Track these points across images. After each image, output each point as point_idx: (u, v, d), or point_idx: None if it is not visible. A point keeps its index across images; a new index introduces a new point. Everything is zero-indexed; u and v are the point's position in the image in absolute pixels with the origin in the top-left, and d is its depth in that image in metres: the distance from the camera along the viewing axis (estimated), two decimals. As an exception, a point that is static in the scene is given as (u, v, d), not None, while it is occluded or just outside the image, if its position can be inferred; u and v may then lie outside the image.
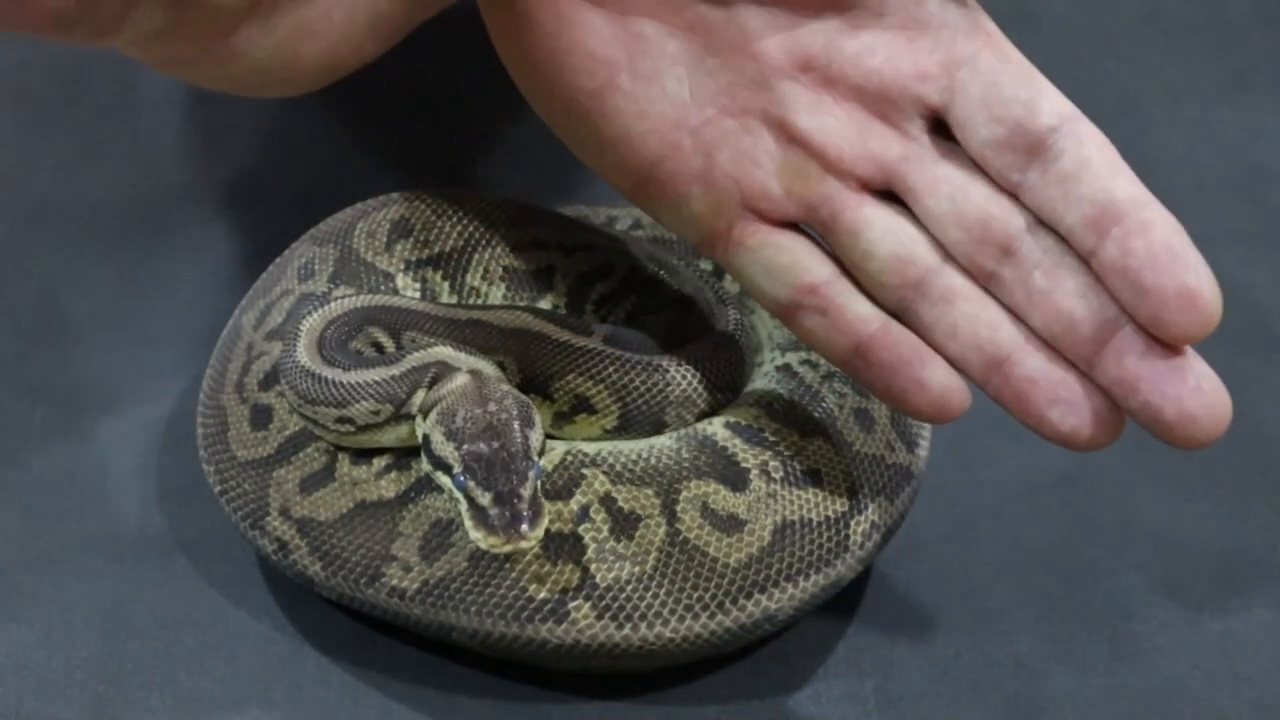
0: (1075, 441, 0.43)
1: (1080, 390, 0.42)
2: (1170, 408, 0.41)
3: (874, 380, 0.45)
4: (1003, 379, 0.43)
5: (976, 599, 0.55)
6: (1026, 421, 0.43)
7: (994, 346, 0.43)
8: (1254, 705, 0.52)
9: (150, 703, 0.51)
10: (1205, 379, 0.41)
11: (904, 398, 0.44)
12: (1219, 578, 0.56)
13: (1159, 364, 0.41)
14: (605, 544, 0.48)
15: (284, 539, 0.51)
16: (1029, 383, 0.43)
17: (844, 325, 0.45)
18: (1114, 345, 0.41)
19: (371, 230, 0.56)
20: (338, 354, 0.50)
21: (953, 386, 0.44)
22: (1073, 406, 0.42)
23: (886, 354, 0.44)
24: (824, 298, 0.45)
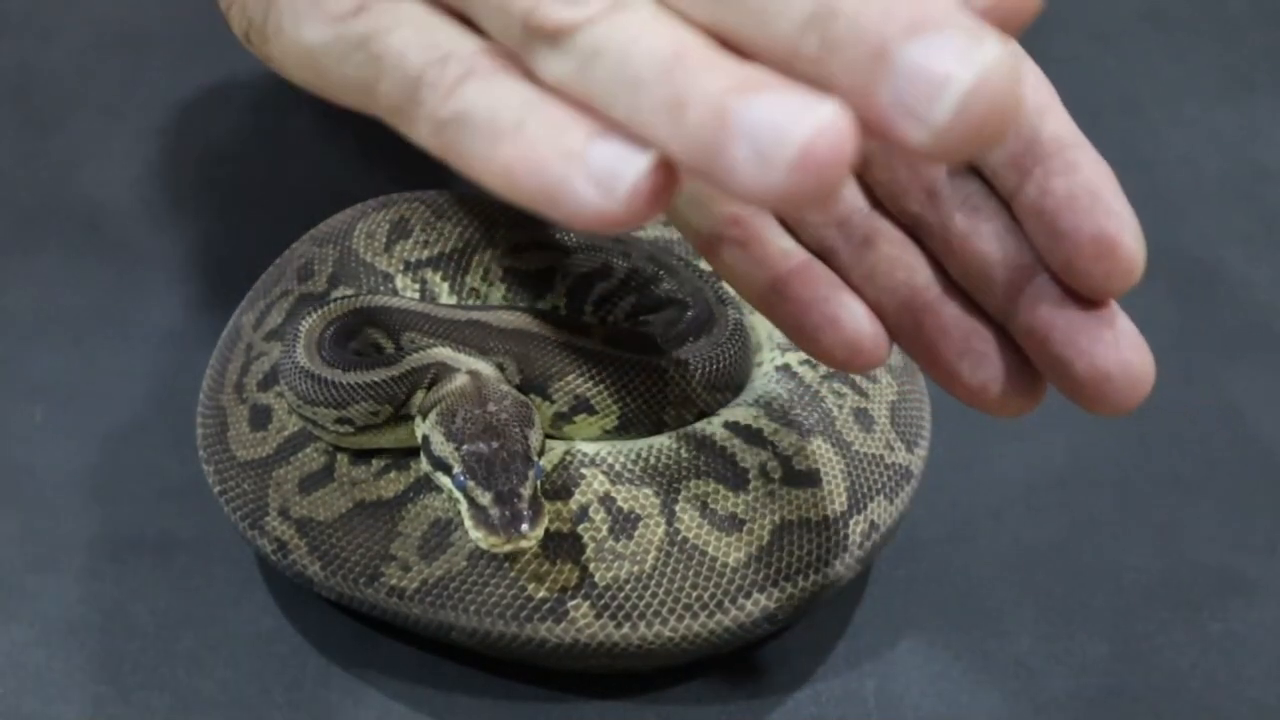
0: (985, 398, 0.39)
1: (994, 343, 0.39)
2: (1081, 362, 0.37)
3: (786, 317, 0.41)
4: (916, 327, 0.40)
5: (976, 599, 0.55)
6: (937, 376, 0.40)
7: (909, 291, 0.40)
8: (1254, 705, 0.52)
9: (150, 702, 0.51)
10: (1125, 335, 0.37)
11: (815, 336, 0.40)
12: (1219, 578, 0.56)
13: (1074, 316, 0.37)
14: (604, 543, 0.48)
15: (283, 539, 0.51)
16: (940, 332, 0.39)
17: (764, 259, 0.42)
18: (1029, 294, 0.38)
19: (371, 231, 0.56)
20: (337, 355, 0.50)
21: (866, 329, 0.40)
22: (984, 359, 0.38)
23: (803, 290, 0.40)
24: (746, 230, 0.42)
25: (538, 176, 0.31)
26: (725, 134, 0.29)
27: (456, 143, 0.33)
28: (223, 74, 0.78)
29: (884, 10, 0.29)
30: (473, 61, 0.33)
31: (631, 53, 0.30)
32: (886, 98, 0.29)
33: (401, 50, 0.33)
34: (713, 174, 0.30)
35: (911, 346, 0.40)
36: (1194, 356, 0.65)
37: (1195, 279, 0.69)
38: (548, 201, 0.31)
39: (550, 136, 0.31)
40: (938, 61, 0.28)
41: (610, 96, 0.31)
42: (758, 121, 0.29)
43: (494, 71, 0.33)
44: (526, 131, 0.31)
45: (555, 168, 0.31)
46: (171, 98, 0.77)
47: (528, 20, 0.31)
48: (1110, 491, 0.59)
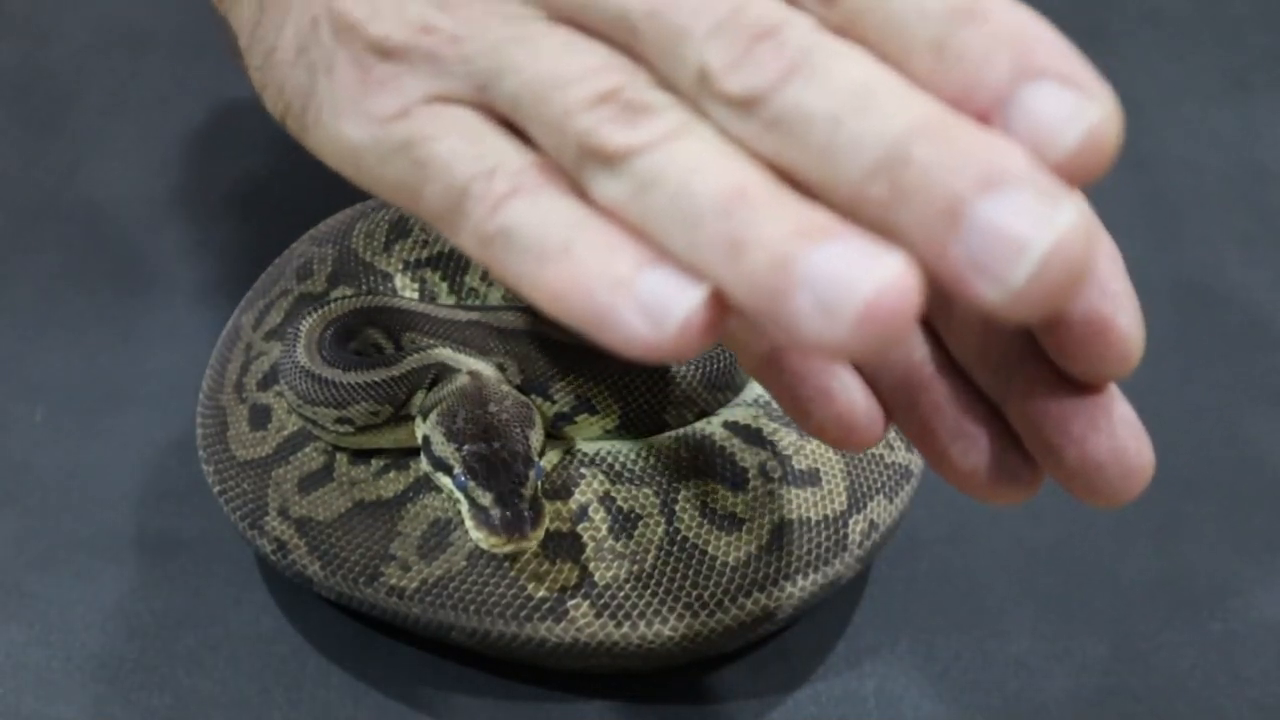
0: (975, 483, 0.36)
1: (987, 426, 0.36)
2: (1072, 449, 0.34)
3: (783, 391, 0.39)
4: (910, 405, 0.37)
5: (976, 599, 0.55)
6: (930, 458, 0.37)
7: (905, 368, 0.37)
8: (1254, 705, 0.52)
9: (150, 702, 0.51)
10: (1123, 423, 0.34)
11: (808, 409, 0.38)
12: (1219, 578, 0.56)
13: (1068, 401, 0.34)
14: (604, 543, 0.48)
15: (283, 539, 0.51)
16: (934, 410, 0.37)
17: (764, 329, 0.41)
18: (1024, 374, 0.35)
19: (370, 230, 0.56)
20: (337, 354, 0.50)
21: (860, 404, 0.37)
22: (975, 442, 0.36)
23: (799, 361, 0.38)
24: None
25: (585, 302, 0.30)
26: (787, 282, 0.28)
27: (502, 259, 0.31)
28: (223, 74, 0.78)
29: (957, 162, 0.28)
30: (521, 177, 0.31)
31: (691, 184, 0.29)
32: (959, 254, 0.28)
33: (448, 159, 0.32)
34: (773, 320, 0.28)
35: (906, 425, 0.38)
36: (1193, 357, 0.65)
37: (1194, 279, 0.69)
38: (596, 328, 0.30)
39: (599, 262, 0.30)
40: (1015, 222, 0.27)
41: (666, 227, 0.29)
42: (822, 272, 0.28)
43: (543, 187, 0.31)
44: (574, 254, 0.30)
45: (603, 295, 0.30)
46: (171, 98, 0.77)
47: (584, 141, 0.30)
48: (1110, 491, 0.59)
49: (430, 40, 0.33)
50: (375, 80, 0.33)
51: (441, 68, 0.33)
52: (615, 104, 0.30)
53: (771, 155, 0.30)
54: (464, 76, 0.32)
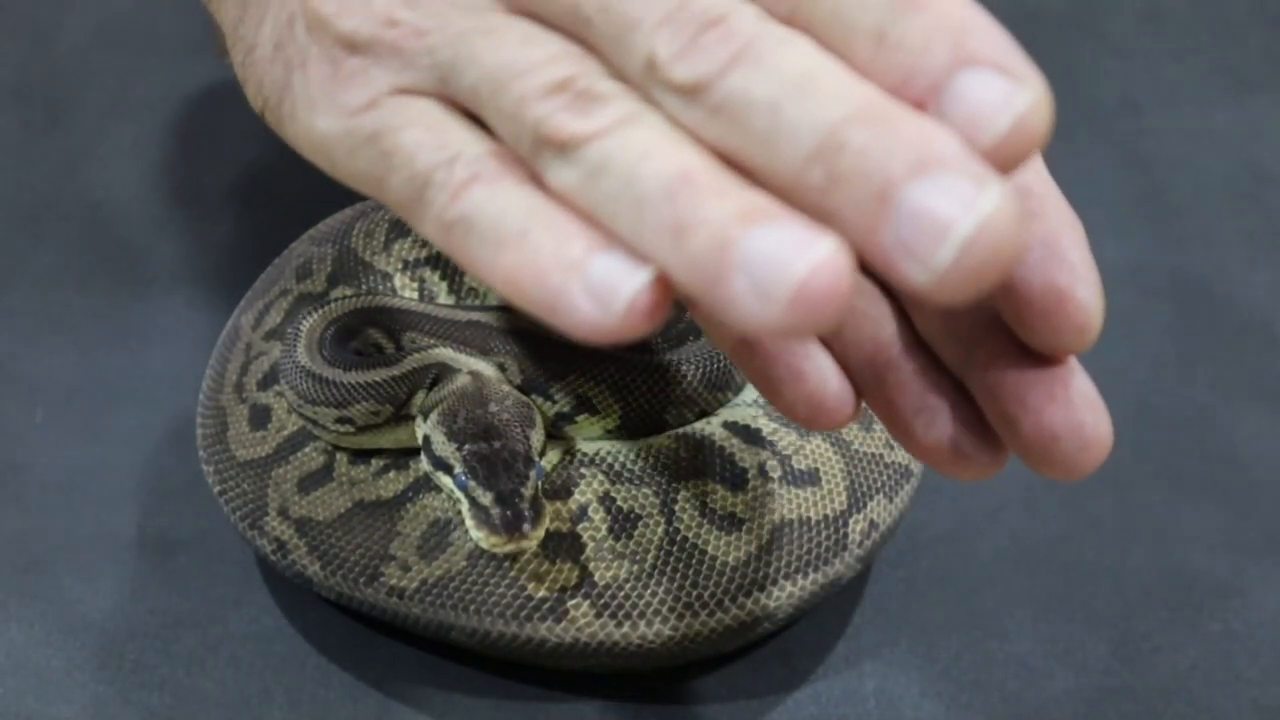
0: (938, 456, 0.37)
1: (950, 401, 0.36)
2: (1028, 420, 0.34)
3: (755, 371, 0.39)
4: (878, 382, 0.37)
5: (976, 599, 0.55)
6: (895, 433, 0.37)
7: (874, 346, 0.37)
8: (1254, 705, 0.52)
9: (150, 702, 0.51)
10: (1080, 395, 0.34)
11: (779, 389, 0.38)
12: (1219, 578, 0.56)
13: (1027, 374, 0.35)
14: (604, 543, 0.48)
15: (282, 539, 0.51)
16: (899, 388, 0.37)
17: None
18: (987, 347, 0.35)
19: (369, 230, 0.56)
20: (337, 354, 0.50)
21: (832, 385, 0.37)
22: (937, 416, 0.36)
23: (771, 345, 0.38)
24: None
25: (539, 286, 0.31)
26: (725, 264, 0.29)
27: (463, 245, 0.32)
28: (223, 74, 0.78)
29: (890, 148, 0.28)
30: (480, 165, 0.32)
31: (638, 170, 0.30)
32: (888, 237, 0.28)
33: (411, 149, 0.33)
34: (711, 302, 0.29)
35: (874, 402, 0.38)
36: (1193, 357, 0.65)
37: (1195, 280, 0.69)
38: (548, 310, 0.31)
39: (552, 246, 0.31)
40: (941, 205, 0.28)
41: (614, 212, 0.30)
42: (758, 254, 0.28)
43: (501, 176, 0.32)
44: (530, 239, 0.31)
45: (555, 278, 0.31)
46: (171, 98, 0.77)
47: (538, 129, 0.31)
48: (1110, 491, 0.59)
49: (395, 33, 0.34)
50: (345, 74, 0.34)
51: (407, 60, 0.34)
52: (568, 93, 0.31)
53: (717, 142, 0.30)
54: (428, 68, 0.33)
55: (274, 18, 0.38)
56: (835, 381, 0.38)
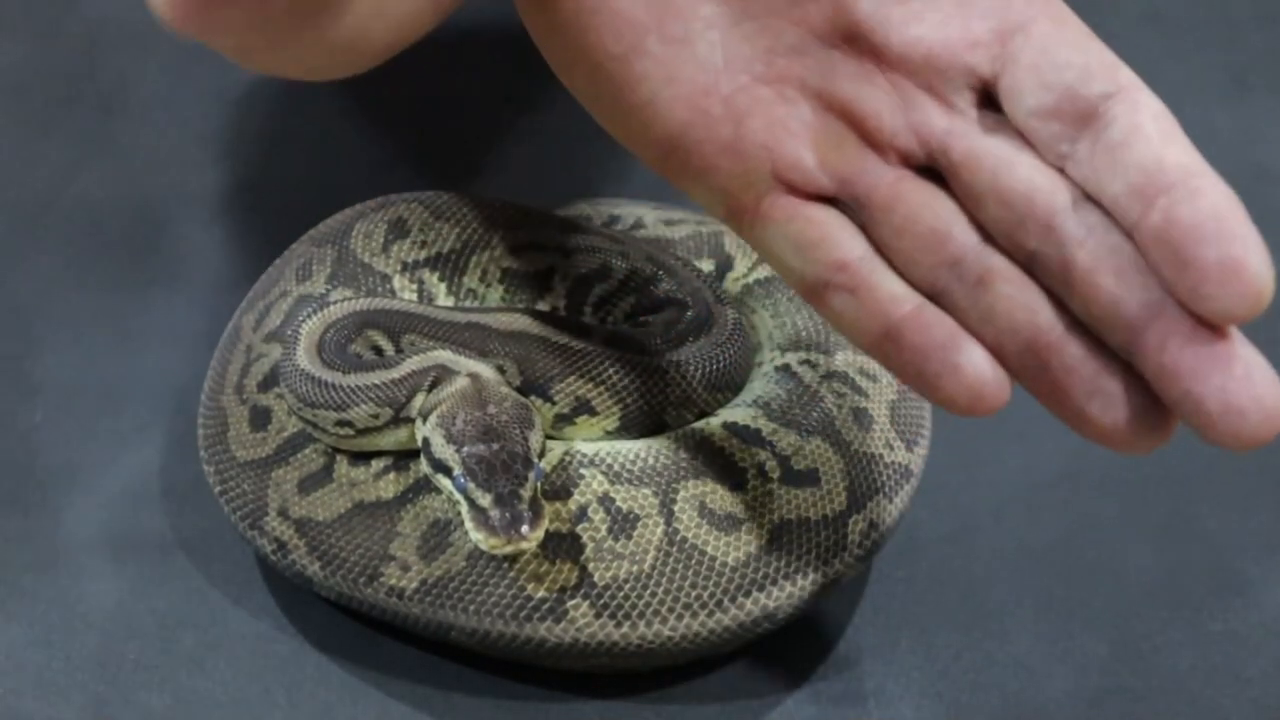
0: (1115, 438, 0.39)
1: (1121, 382, 0.38)
2: (1214, 399, 0.36)
3: (905, 366, 0.41)
4: (1040, 368, 0.39)
5: (976, 599, 0.55)
6: (1065, 416, 0.40)
7: (1032, 331, 0.39)
8: (1254, 705, 0.52)
9: (150, 702, 0.51)
10: (1256, 368, 0.37)
11: (936, 384, 0.40)
12: (1219, 578, 0.56)
13: (1203, 350, 0.37)
14: (603, 543, 0.48)
15: (282, 539, 0.51)
16: (1067, 372, 0.39)
17: (874, 306, 0.41)
18: (1156, 330, 0.38)
19: (369, 231, 0.56)
20: (337, 357, 0.50)
21: (989, 374, 0.40)
22: (1113, 399, 0.38)
23: (919, 337, 0.40)
24: (854, 275, 0.42)
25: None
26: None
27: None
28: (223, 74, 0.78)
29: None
30: None
31: None
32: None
33: None
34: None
35: (1036, 387, 0.40)
36: (1194, 356, 0.65)
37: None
38: None
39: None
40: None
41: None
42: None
43: None
44: None
45: None
46: (171, 98, 0.77)
47: None
48: (1110, 491, 0.59)
49: None
50: None
51: None
52: None
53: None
54: None
55: None
56: (990, 369, 0.40)
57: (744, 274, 0.58)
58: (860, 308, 0.42)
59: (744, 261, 0.59)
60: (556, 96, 0.78)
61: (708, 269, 0.59)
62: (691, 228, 0.60)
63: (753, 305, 0.57)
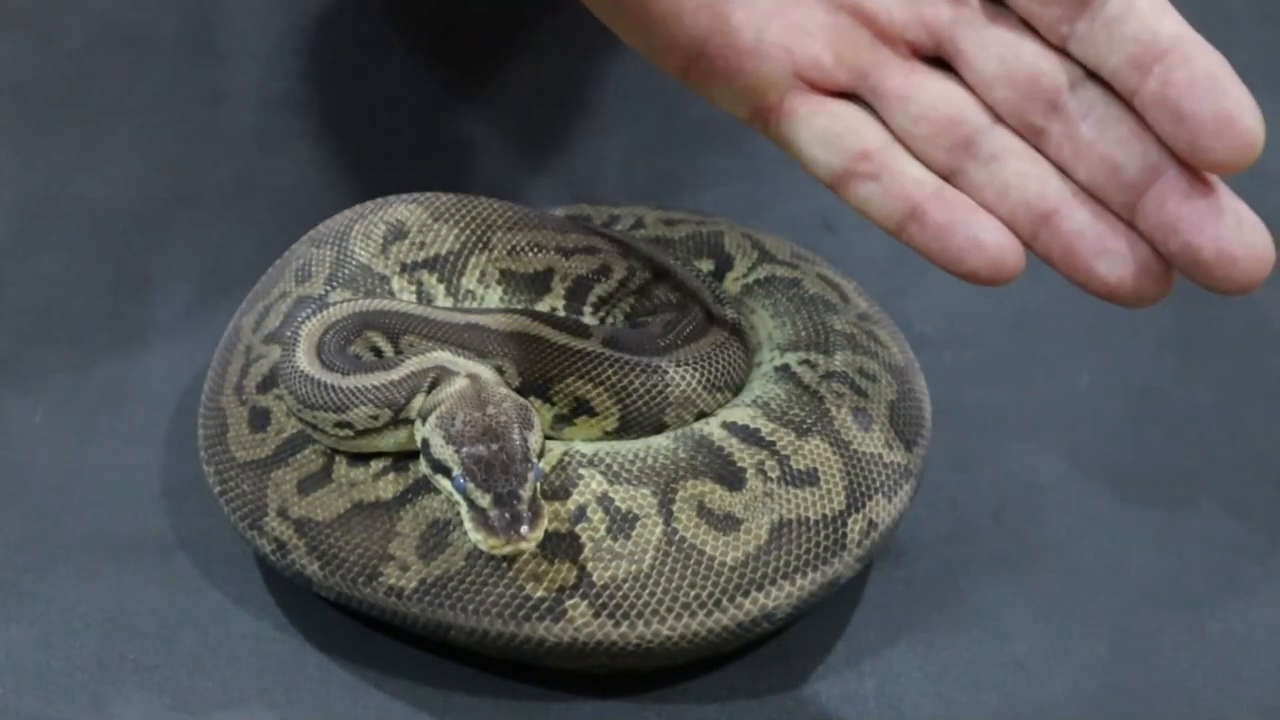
0: (1122, 293, 0.43)
1: (1125, 240, 0.43)
2: (1208, 247, 0.41)
3: (929, 244, 0.45)
4: (1051, 234, 0.44)
5: (976, 599, 0.55)
6: (1074, 277, 0.44)
7: (1042, 201, 0.44)
8: (1254, 705, 0.52)
9: (150, 702, 0.51)
10: (1246, 219, 0.41)
11: (960, 258, 0.44)
12: (1219, 578, 0.56)
13: (1198, 204, 0.41)
14: (602, 543, 0.48)
15: (282, 539, 0.51)
16: (1076, 236, 0.43)
17: (898, 190, 0.45)
18: (1156, 190, 0.42)
19: (368, 232, 0.56)
20: (336, 359, 0.50)
21: (1007, 244, 0.44)
22: (1119, 257, 0.43)
23: (942, 215, 0.44)
24: (878, 163, 0.46)
25: None
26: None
27: None
28: (223, 74, 0.78)
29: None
30: None
31: None
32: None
33: None
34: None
35: (1048, 253, 0.44)
36: (1193, 356, 0.65)
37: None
38: None
39: None
40: None
41: None
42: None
43: None
44: None
45: None
46: (171, 98, 0.78)
47: None
48: (1110, 491, 0.59)
49: None
50: None
51: None
52: None
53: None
54: None
55: None
56: (1009, 240, 0.44)
57: (743, 274, 0.58)
58: (885, 193, 0.46)
59: (744, 261, 0.59)
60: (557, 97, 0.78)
61: (707, 269, 0.59)
62: (691, 228, 0.60)
63: (752, 305, 0.57)
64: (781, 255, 0.59)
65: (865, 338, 0.56)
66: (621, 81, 0.78)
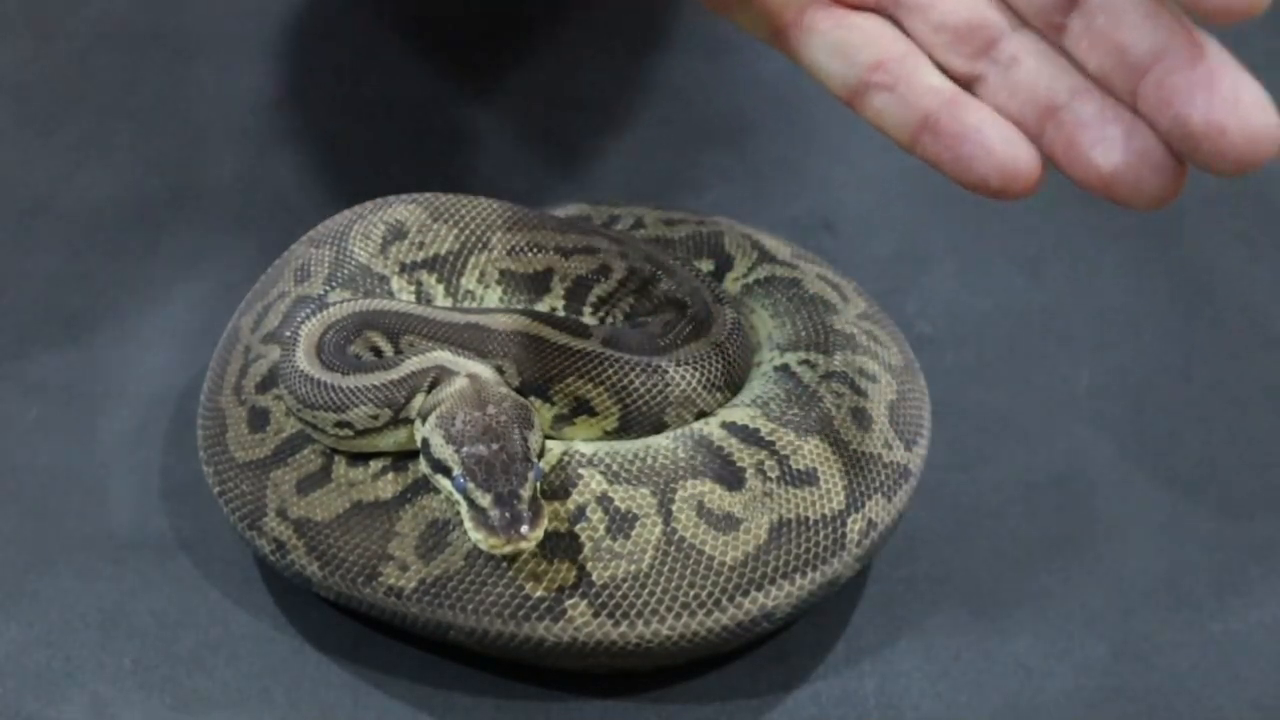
0: (1120, 185, 0.41)
1: (1125, 126, 0.41)
2: (1197, 116, 0.39)
3: (941, 153, 0.44)
4: (1056, 127, 0.42)
5: (976, 599, 0.55)
6: (1073, 172, 0.42)
7: (1050, 96, 0.42)
8: (1254, 705, 0.52)
9: (149, 703, 0.51)
10: (1246, 94, 0.39)
11: (970, 166, 0.43)
12: (1219, 578, 0.56)
13: (1194, 73, 0.39)
14: (602, 543, 0.48)
15: (281, 539, 0.51)
16: (1079, 126, 0.42)
17: (913, 99, 0.44)
18: (1158, 69, 0.40)
19: (367, 232, 0.56)
20: (336, 358, 0.51)
21: (1020, 153, 0.42)
22: (1116, 144, 0.41)
23: (953, 122, 0.43)
24: (894, 74, 0.45)
25: None
26: None
27: None
28: (223, 74, 0.78)
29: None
30: None
31: None
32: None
33: None
34: None
35: (1053, 148, 0.42)
36: (1194, 356, 0.65)
37: (1196, 279, 0.69)
38: None
39: None
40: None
41: None
42: None
43: None
44: None
45: None
46: (172, 97, 0.78)
47: None
48: (1110, 492, 0.59)
49: None
50: None
51: None
52: None
53: None
54: None
55: None
56: (1023, 146, 0.42)
57: (743, 274, 0.58)
58: (899, 102, 0.44)
59: (743, 262, 0.59)
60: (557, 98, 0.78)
61: (707, 269, 0.59)
62: (691, 228, 0.60)
63: (752, 305, 0.57)
64: (781, 255, 0.59)
65: (865, 338, 0.56)
66: (621, 82, 0.78)
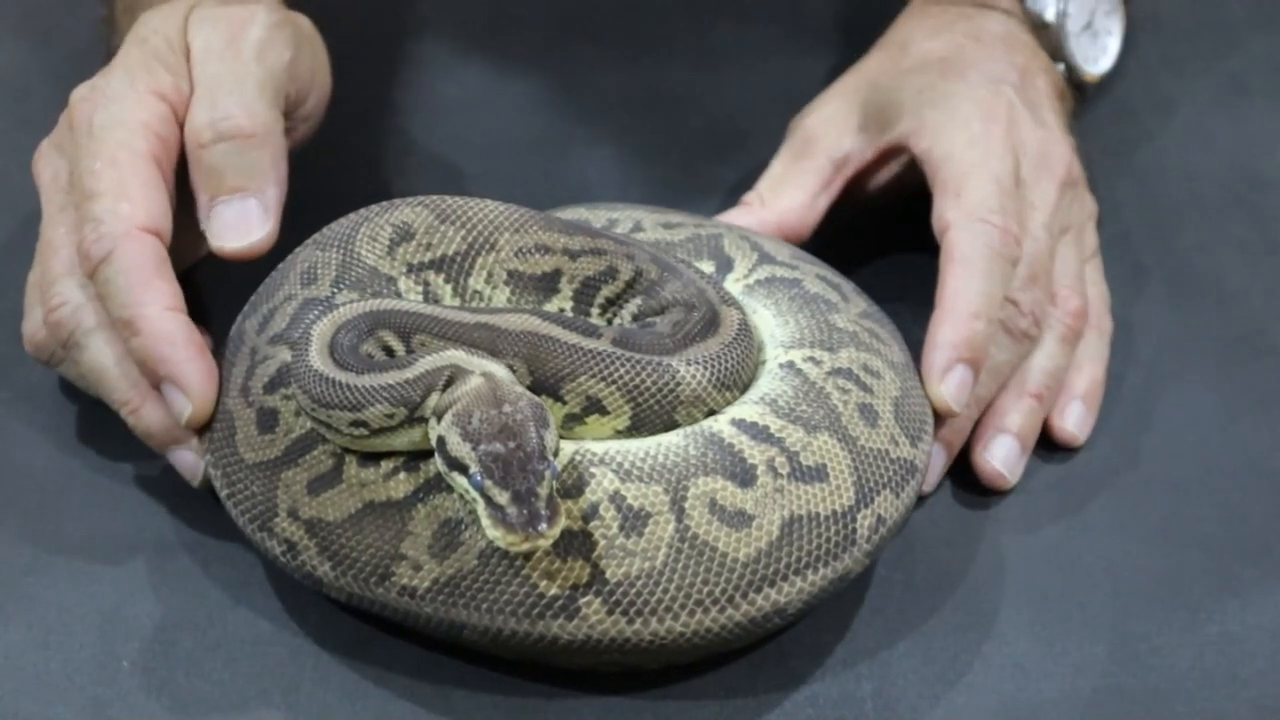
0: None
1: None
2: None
3: None
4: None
5: (974, 601, 0.55)
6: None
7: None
8: (1253, 705, 0.52)
9: (149, 704, 0.51)
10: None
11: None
12: (1215, 579, 0.56)
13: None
14: (615, 541, 0.49)
15: (293, 540, 0.51)
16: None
17: None
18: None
19: (374, 234, 0.56)
20: (350, 358, 0.50)
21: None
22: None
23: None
24: None
25: None
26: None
27: None
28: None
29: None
30: None
31: None
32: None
33: None
34: None
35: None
36: (1190, 361, 0.65)
37: (1191, 284, 0.69)
38: None
39: None
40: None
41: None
42: None
43: None
44: None
45: None
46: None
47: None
48: (1108, 494, 0.59)
49: None
50: None
51: None
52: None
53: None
54: None
55: None
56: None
57: (744, 275, 0.59)
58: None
59: (744, 263, 0.59)
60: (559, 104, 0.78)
61: (708, 271, 0.59)
62: (690, 230, 0.60)
63: (754, 305, 0.58)
64: (780, 256, 0.59)
65: (867, 335, 0.56)
66: (622, 89, 0.78)
